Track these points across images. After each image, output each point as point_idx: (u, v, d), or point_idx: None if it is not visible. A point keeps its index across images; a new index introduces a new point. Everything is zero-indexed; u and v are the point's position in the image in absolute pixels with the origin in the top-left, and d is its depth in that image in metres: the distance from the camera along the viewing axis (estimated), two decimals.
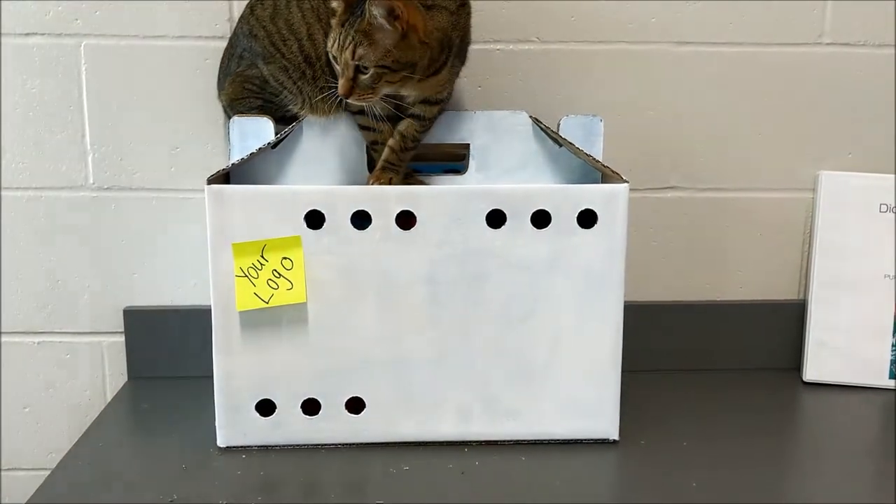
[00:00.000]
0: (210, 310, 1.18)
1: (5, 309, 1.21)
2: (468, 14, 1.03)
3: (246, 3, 1.11)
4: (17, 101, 1.16)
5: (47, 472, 1.24)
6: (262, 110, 1.07)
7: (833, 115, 1.23)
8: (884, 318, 1.21)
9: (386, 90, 0.97)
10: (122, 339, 1.22)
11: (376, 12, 0.92)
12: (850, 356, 1.21)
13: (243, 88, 1.08)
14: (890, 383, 1.20)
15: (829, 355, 1.22)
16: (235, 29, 1.10)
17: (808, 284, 1.24)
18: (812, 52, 1.21)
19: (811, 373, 1.22)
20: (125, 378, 1.23)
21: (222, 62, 1.12)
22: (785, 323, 1.26)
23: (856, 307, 1.21)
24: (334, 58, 0.96)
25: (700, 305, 1.27)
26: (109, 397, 1.24)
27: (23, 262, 1.20)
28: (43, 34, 1.14)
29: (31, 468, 1.26)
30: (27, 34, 1.14)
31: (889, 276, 1.20)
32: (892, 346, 1.20)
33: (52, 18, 1.14)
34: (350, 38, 0.93)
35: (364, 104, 0.98)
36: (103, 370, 1.24)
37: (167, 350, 1.21)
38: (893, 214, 1.20)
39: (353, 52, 0.93)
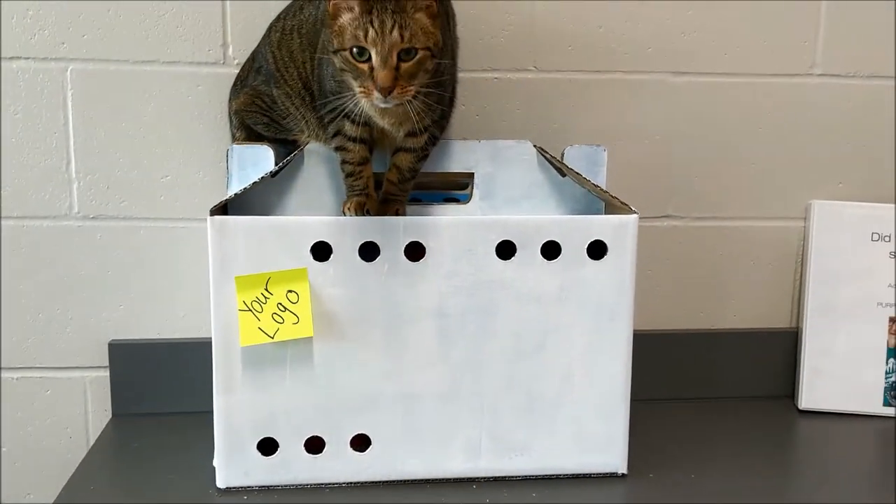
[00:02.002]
0: (201, 343, 1.15)
1: None
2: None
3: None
4: None
5: None
6: (267, 127, 1.05)
7: (824, 145, 1.24)
8: (877, 345, 1.22)
9: (420, 84, 0.88)
10: (105, 373, 1.17)
11: None
12: (844, 384, 1.22)
13: (253, 102, 1.05)
14: (884, 410, 1.21)
15: (824, 383, 1.22)
16: (259, 43, 1.08)
17: (802, 312, 1.24)
18: (804, 82, 1.22)
19: (807, 401, 1.23)
20: (108, 415, 1.18)
21: (242, 70, 1.10)
22: (779, 351, 1.27)
23: (849, 335, 1.22)
24: (357, 52, 0.85)
25: (694, 334, 1.27)
26: (91, 435, 1.19)
27: (3, 294, 1.15)
28: (27, 58, 1.10)
29: None
30: (11, 58, 1.10)
31: (881, 303, 1.21)
32: (886, 373, 1.21)
33: (38, 42, 1.10)
34: (391, 20, 0.83)
35: (401, 101, 0.87)
36: (85, 406, 1.19)
37: (153, 385, 1.17)
38: (887, 243, 1.21)
39: (401, 34, 0.84)
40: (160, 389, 1.17)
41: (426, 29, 0.86)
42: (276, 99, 1.03)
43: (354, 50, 0.86)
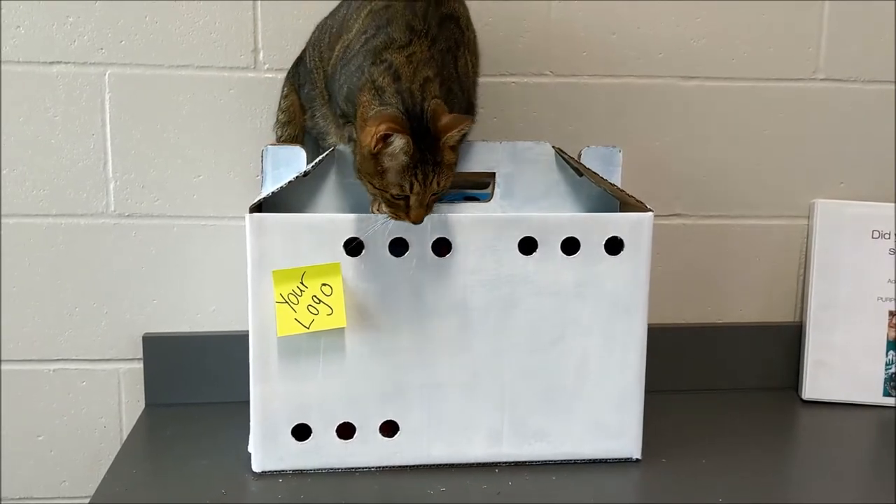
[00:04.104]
0: (231, 335, 1.21)
1: (22, 336, 1.21)
2: None
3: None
4: (39, 129, 1.16)
5: (59, 502, 1.24)
6: (311, 120, 1.10)
7: (827, 147, 1.30)
8: (877, 338, 1.27)
9: None
10: (139, 365, 1.22)
11: (458, 135, 0.92)
12: (846, 375, 1.27)
13: (298, 98, 1.11)
14: (884, 400, 1.26)
15: (827, 375, 1.28)
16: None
17: (805, 307, 1.30)
18: (807, 87, 1.28)
19: (810, 392, 1.28)
20: (142, 405, 1.23)
21: (295, 62, 1.14)
22: (783, 344, 1.32)
23: (850, 328, 1.27)
24: (399, 197, 0.92)
25: (703, 328, 1.32)
26: (125, 425, 1.24)
27: (41, 289, 1.20)
28: (67, 63, 1.15)
29: (43, 497, 1.24)
30: (52, 63, 1.15)
31: (881, 298, 1.27)
32: (886, 364, 1.27)
33: (77, 47, 1.15)
34: (431, 172, 0.91)
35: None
36: (119, 397, 1.24)
37: (185, 377, 1.22)
38: (887, 240, 1.27)
39: (438, 182, 0.92)
40: (192, 380, 1.22)
41: (453, 164, 0.94)
42: (309, 94, 1.08)
43: (396, 195, 0.92)
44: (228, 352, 1.19)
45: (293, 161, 1.05)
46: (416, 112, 0.91)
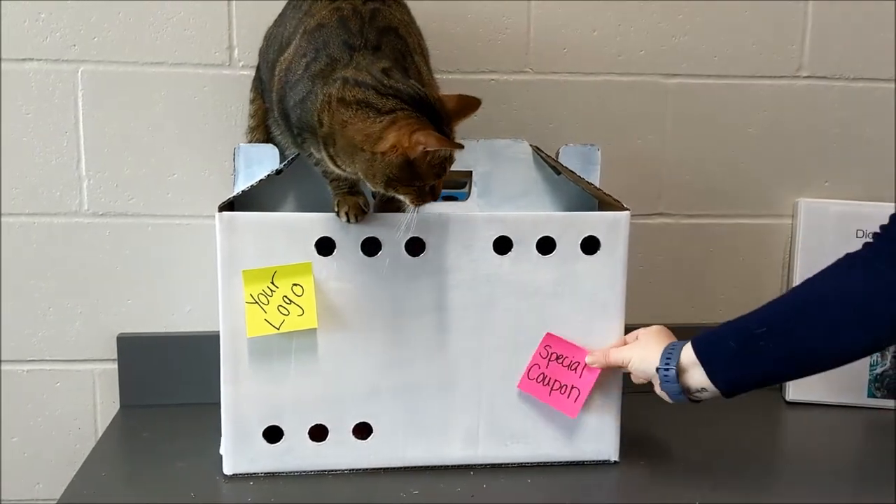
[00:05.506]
0: (206, 336, 1.18)
1: None
2: None
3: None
4: (12, 127, 1.15)
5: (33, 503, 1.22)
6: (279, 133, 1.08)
7: (811, 145, 1.28)
8: None
9: None
10: (114, 366, 1.21)
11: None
12: (829, 376, 1.25)
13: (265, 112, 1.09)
14: (869, 402, 1.25)
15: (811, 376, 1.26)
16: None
17: None
18: (791, 84, 1.26)
19: (794, 393, 1.26)
20: (116, 406, 1.21)
21: (258, 66, 1.10)
22: None
23: None
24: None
25: (685, 328, 1.29)
26: (100, 426, 1.22)
27: (14, 289, 1.18)
28: (40, 60, 1.14)
29: (16, 499, 1.23)
30: (24, 59, 1.13)
31: None
32: (871, 365, 1.25)
33: (50, 44, 1.13)
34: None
35: None
36: (94, 398, 1.22)
37: (160, 377, 1.20)
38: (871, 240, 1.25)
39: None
40: (167, 381, 1.20)
41: None
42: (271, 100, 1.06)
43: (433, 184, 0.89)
44: (204, 352, 1.17)
45: (266, 159, 1.03)
46: (418, 99, 0.87)
